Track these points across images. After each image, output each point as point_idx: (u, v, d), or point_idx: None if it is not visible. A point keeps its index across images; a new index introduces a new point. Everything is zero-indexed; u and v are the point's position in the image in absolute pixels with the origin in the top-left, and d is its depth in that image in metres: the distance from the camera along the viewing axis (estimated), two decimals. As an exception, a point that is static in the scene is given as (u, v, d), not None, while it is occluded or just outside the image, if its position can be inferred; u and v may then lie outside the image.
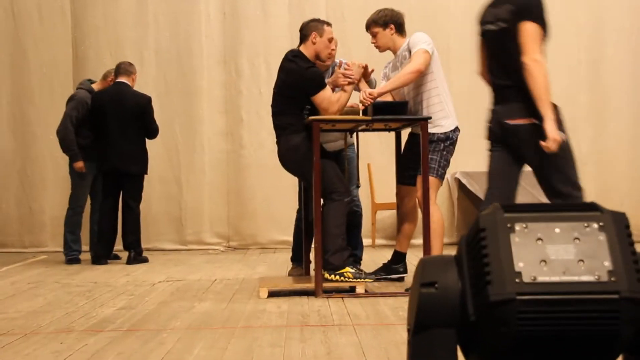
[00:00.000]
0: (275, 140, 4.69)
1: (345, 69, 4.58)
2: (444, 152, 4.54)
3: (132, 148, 6.42)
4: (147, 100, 6.49)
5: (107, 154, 6.38)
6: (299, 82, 4.52)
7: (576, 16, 7.79)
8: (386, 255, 6.52)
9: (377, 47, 4.76)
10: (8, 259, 6.95)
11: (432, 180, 4.47)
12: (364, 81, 4.71)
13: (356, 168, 5.18)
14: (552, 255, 1.42)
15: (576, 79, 7.79)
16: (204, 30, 7.71)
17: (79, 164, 6.41)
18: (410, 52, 4.52)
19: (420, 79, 4.52)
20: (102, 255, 6.40)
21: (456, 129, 4.59)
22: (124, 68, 6.52)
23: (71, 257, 6.50)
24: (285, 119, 4.57)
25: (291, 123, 4.55)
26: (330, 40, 4.67)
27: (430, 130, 4.44)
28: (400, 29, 4.70)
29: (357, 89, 4.67)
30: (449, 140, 4.54)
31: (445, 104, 4.56)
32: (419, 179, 4.45)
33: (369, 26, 4.73)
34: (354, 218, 5.02)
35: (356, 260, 5.08)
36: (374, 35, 4.71)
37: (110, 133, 6.37)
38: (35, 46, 7.74)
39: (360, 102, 4.42)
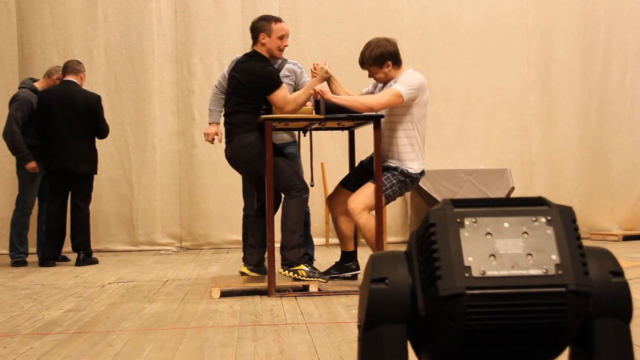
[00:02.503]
0: (226, 139, 4.65)
1: (312, 70, 4.56)
2: (401, 184, 4.52)
3: (81, 148, 6.29)
4: (96, 99, 6.37)
5: (56, 154, 6.24)
6: (255, 81, 4.48)
7: (526, 18, 7.93)
8: (338, 254, 6.53)
9: (376, 80, 4.61)
10: (-48, 262, 6.75)
11: (375, 194, 4.38)
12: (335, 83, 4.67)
13: (300, 165, 5.18)
14: (501, 250, 1.43)
15: (526, 80, 7.93)
16: (156, 29, 7.62)
17: (31, 165, 6.26)
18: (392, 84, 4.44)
19: (396, 117, 4.48)
20: (50, 256, 6.26)
21: (422, 172, 4.58)
22: (71, 66, 6.39)
23: (17, 259, 6.35)
24: (240, 118, 4.53)
25: (246, 122, 4.51)
26: (282, 37, 4.62)
27: (398, 164, 4.48)
28: (396, 63, 4.51)
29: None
30: (410, 178, 4.53)
31: (416, 146, 4.51)
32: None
33: (363, 65, 4.55)
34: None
35: (310, 259, 5.08)
36: (371, 74, 4.56)
37: (58, 133, 6.24)
38: (-21, 44, 7.54)
39: (317, 66, 4.47)
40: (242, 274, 4.71)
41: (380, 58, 4.47)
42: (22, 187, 6.41)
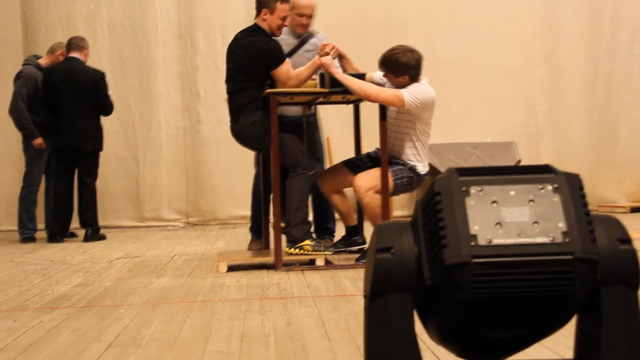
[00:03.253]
0: (232, 118, 4.57)
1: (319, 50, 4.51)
2: (409, 179, 4.52)
3: (87, 125, 6.29)
4: (100, 75, 6.36)
5: (61, 131, 6.25)
6: (259, 55, 4.44)
7: (531, -11, 7.85)
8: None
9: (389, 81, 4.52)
10: (-39, 239, 6.80)
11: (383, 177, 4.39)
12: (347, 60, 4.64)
13: (318, 139, 5.13)
14: (507, 218, 1.42)
15: (532, 52, 7.86)
16: (159, 5, 7.57)
17: (38, 141, 6.26)
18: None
19: (401, 127, 4.45)
20: (57, 233, 6.29)
21: (427, 174, 4.61)
22: (75, 43, 6.36)
23: (26, 235, 6.38)
24: (245, 96, 4.48)
25: (252, 100, 4.47)
26: (283, 18, 4.58)
27: (406, 162, 4.49)
28: (413, 79, 4.41)
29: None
30: (417, 177, 4.54)
31: (419, 150, 4.51)
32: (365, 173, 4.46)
33: (381, 65, 4.45)
34: (319, 192, 4.99)
35: (330, 233, 5.09)
36: (386, 76, 4.47)
37: (63, 110, 6.24)
38: (-17, 22, 7.52)
39: (325, 46, 4.42)
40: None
41: (400, 69, 4.37)
42: (28, 164, 6.42)
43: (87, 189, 6.34)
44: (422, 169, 4.55)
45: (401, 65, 4.37)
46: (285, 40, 4.83)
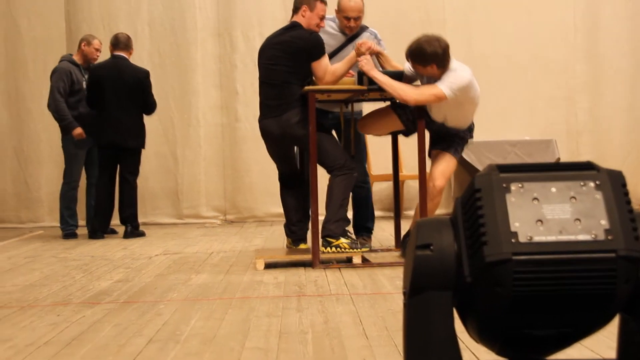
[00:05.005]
0: (271, 113, 4.53)
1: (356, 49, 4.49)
2: (462, 148, 4.70)
3: (131, 122, 6.38)
4: (145, 74, 6.46)
5: (105, 128, 6.32)
6: (304, 46, 4.44)
7: (572, -16, 7.74)
8: (383, 227, 6.53)
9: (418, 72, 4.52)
10: (5, 234, 6.95)
11: (453, 158, 4.59)
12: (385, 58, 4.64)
13: (359, 136, 5.12)
14: (548, 215, 1.41)
15: (572, 49, 7.75)
16: (198, 3, 7.64)
17: (78, 131, 6.36)
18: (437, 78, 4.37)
19: (451, 102, 4.42)
20: (99, 229, 6.39)
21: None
22: (124, 42, 6.45)
23: (68, 231, 6.50)
24: (291, 91, 4.48)
25: (297, 96, 4.45)
26: (322, 17, 4.59)
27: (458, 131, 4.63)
28: (441, 66, 4.35)
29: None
30: (465, 142, 4.71)
31: (470, 117, 4.66)
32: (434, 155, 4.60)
33: (407, 57, 4.42)
34: (360, 191, 5.00)
35: (368, 232, 5.09)
36: (414, 67, 4.44)
37: (108, 107, 6.32)
38: (29, 21, 7.68)
39: (360, 45, 4.44)
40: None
41: (427, 59, 4.32)
42: (67, 160, 6.54)
43: (129, 186, 6.43)
44: (471, 132, 4.69)
45: (428, 55, 4.31)
46: (335, 36, 4.84)
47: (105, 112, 6.32)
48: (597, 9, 7.74)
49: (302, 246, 4.71)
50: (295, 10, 4.62)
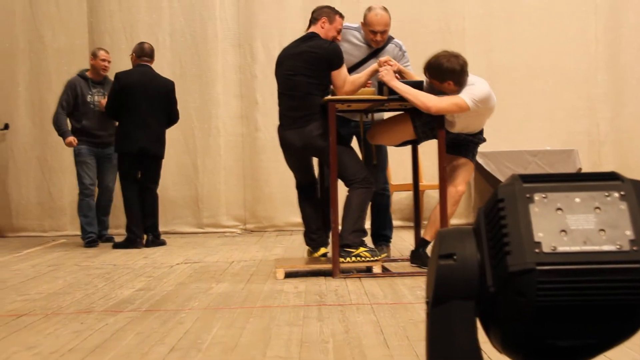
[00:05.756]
0: (294, 124, 4.51)
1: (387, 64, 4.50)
2: (476, 152, 4.84)
3: (159, 130, 6.44)
4: (173, 85, 6.55)
5: (135, 135, 6.31)
6: (324, 56, 4.45)
7: (594, -6, 7.70)
8: (403, 237, 6.52)
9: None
10: (28, 243, 7.03)
11: (470, 163, 4.74)
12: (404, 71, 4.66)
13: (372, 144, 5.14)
14: (572, 225, 1.41)
15: (593, 59, 7.71)
16: (219, 14, 7.70)
17: (68, 139, 6.51)
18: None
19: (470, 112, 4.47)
20: (138, 236, 6.32)
21: None
22: (149, 52, 6.51)
23: (88, 239, 6.55)
24: (313, 103, 4.48)
25: (319, 107, 4.45)
26: (339, 31, 4.62)
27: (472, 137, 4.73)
28: (458, 84, 4.40)
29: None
30: (478, 145, 4.84)
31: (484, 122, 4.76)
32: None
33: (425, 72, 4.47)
34: (380, 199, 5.00)
35: (386, 240, 5.10)
36: (431, 82, 4.47)
37: (138, 113, 6.31)
38: (53, 32, 7.78)
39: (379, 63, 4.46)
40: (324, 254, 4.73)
41: (444, 74, 4.37)
42: (76, 170, 6.66)
43: (151, 194, 6.47)
44: (482, 135, 4.79)
45: (445, 71, 4.35)
46: (360, 47, 4.85)
47: (135, 118, 6.30)
48: (619, 18, 7.70)
49: (322, 250, 4.71)
50: (314, 21, 4.64)
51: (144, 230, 6.46)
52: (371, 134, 4.80)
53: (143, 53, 6.48)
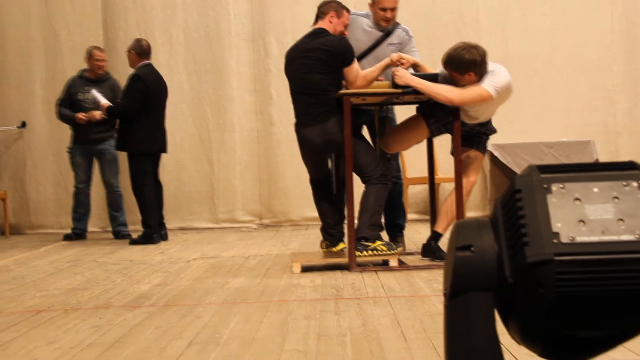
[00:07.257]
0: (314, 120, 4.47)
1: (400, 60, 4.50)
2: (486, 143, 4.84)
3: (164, 128, 6.51)
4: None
5: (156, 135, 6.36)
6: (336, 52, 4.44)
7: (609, -17, 7.64)
8: (419, 230, 6.51)
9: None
10: (47, 239, 7.08)
11: (481, 154, 4.74)
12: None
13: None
14: (590, 215, 1.40)
15: (610, 49, 7.65)
16: (232, 9, 7.71)
17: (78, 116, 6.70)
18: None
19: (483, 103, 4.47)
20: (156, 232, 6.36)
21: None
22: (150, 49, 6.52)
23: (67, 233, 6.88)
24: (329, 99, 4.46)
25: (336, 103, 4.44)
26: (346, 26, 4.61)
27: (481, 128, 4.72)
28: (479, 74, 4.38)
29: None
30: (488, 137, 4.84)
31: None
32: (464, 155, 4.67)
33: (445, 65, 4.43)
34: (393, 187, 4.99)
35: (400, 229, 5.09)
36: (451, 76, 4.44)
37: (158, 113, 6.42)
38: (68, 30, 7.83)
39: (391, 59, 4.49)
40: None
41: (467, 67, 4.34)
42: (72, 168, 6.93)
43: (161, 189, 6.56)
44: (491, 125, 4.77)
45: (467, 63, 4.32)
46: (369, 33, 4.85)
47: (155, 118, 6.36)
48: (635, 8, 7.62)
49: (340, 245, 4.72)
50: (322, 15, 4.61)
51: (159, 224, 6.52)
52: (385, 143, 4.78)
53: (144, 51, 6.45)
